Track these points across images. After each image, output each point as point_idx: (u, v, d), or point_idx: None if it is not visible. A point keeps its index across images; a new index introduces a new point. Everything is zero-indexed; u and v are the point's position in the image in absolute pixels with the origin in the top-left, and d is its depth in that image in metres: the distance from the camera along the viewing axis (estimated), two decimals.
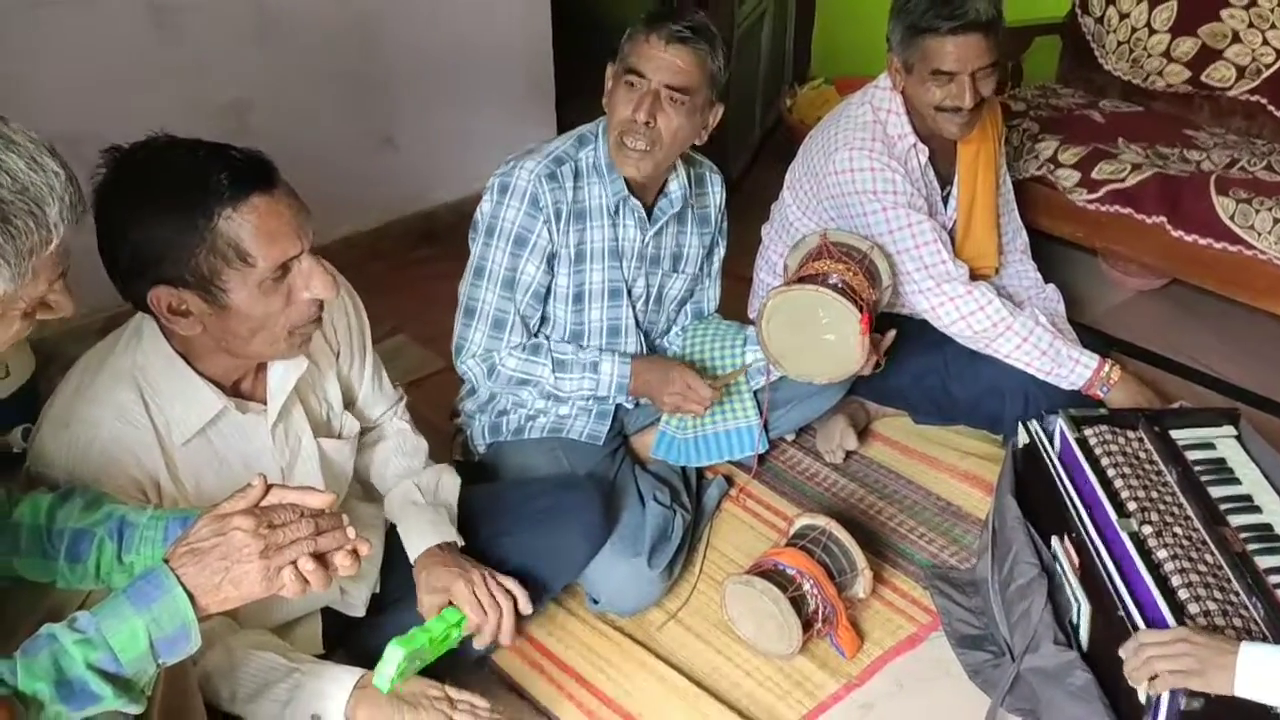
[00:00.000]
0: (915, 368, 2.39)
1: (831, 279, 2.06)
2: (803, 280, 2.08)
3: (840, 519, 2.07)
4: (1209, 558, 1.69)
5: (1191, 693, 1.46)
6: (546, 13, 3.45)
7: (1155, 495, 1.81)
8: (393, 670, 1.48)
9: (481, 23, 3.28)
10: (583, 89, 2.57)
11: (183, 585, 1.15)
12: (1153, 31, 3.14)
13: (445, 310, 2.12)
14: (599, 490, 2.01)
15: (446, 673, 1.67)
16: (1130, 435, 1.95)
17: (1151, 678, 1.51)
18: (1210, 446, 1.96)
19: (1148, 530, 1.73)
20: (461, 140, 3.34)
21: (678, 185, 2.12)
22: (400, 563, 1.74)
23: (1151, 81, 3.20)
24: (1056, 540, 1.87)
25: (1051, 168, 2.89)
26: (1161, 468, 1.88)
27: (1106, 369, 2.24)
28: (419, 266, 3.17)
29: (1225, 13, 3.05)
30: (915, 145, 2.26)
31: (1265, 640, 1.54)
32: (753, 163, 3.88)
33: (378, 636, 1.72)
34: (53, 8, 2.46)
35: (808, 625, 1.91)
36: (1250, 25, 3.03)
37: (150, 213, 1.34)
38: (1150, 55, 3.16)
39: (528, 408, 2.16)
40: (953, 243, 2.38)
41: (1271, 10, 2.99)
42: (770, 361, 2.14)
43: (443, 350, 2.15)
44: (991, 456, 2.44)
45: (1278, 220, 2.53)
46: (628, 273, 2.13)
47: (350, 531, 1.24)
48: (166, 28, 2.67)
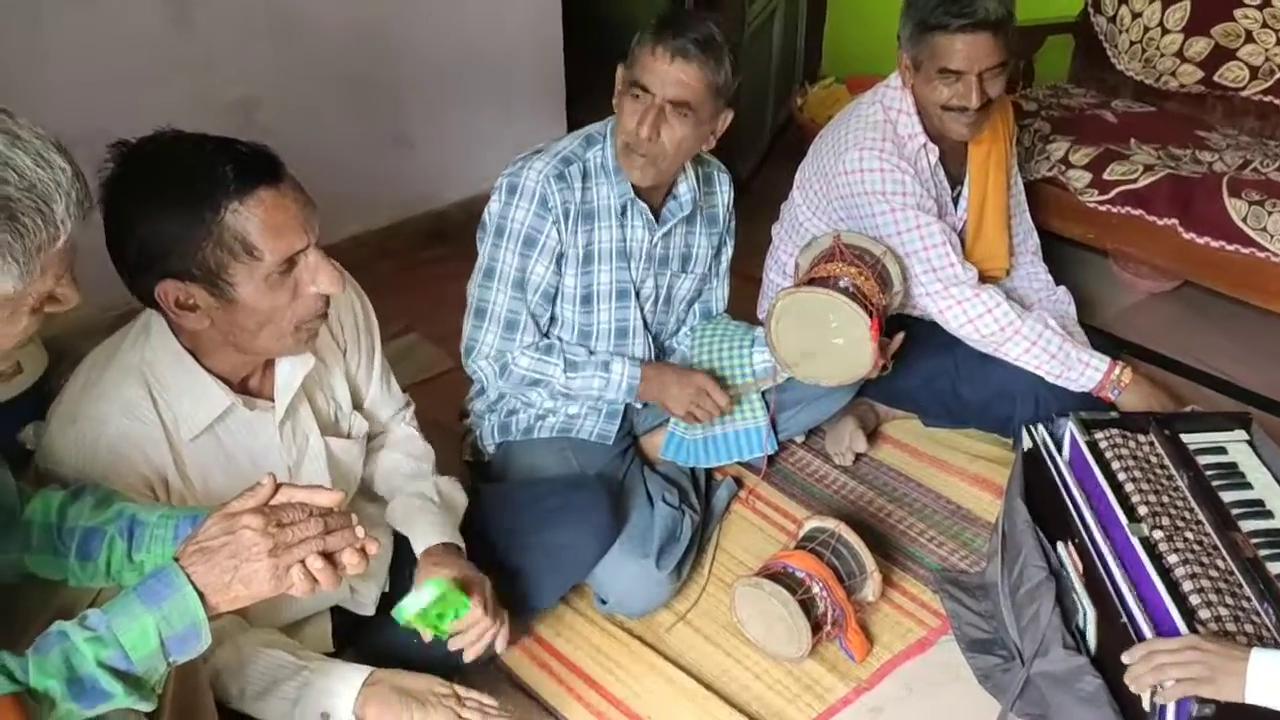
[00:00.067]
0: (925, 370, 2.38)
1: (842, 282, 2.06)
2: (813, 282, 2.08)
3: (850, 521, 2.07)
4: (1220, 563, 1.68)
5: (1202, 700, 1.46)
6: (557, 12, 3.45)
7: (1166, 500, 1.81)
8: (427, 600, 1.52)
9: (492, 22, 3.28)
10: (593, 88, 2.57)
11: (193, 584, 1.15)
12: (1165, 31, 3.13)
13: (455, 309, 2.12)
14: (608, 490, 2.01)
15: (455, 672, 1.68)
16: (1141, 439, 1.94)
17: (1157, 687, 1.50)
18: (1222, 451, 1.95)
19: (1159, 535, 1.72)
20: (472, 139, 3.34)
21: (687, 188, 2.11)
22: (409, 562, 1.74)
23: (1164, 82, 3.18)
24: (1062, 545, 1.87)
25: (1063, 168, 2.88)
26: (1173, 472, 1.87)
27: (1117, 371, 2.23)
28: (429, 266, 3.16)
29: (1239, 12, 3.04)
30: (925, 145, 2.25)
31: (1276, 646, 1.53)
32: (763, 162, 3.87)
33: (388, 636, 1.73)
34: (64, 4, 2.47)
35: (817, 628, 1.91)
36: (1264, 25, 3.02)
37: (157, 207, 1.35)
38: (1163, 55, 3.15)
39: (537, 407, 2.16)
40: (963, 244, 2.37)
41: None
42: (778, 364, 2.13)
43: (453, 350, 2.15)
44: (1001, 460, 2.44)
45: None
46: (636, 274, 2.13)
47: (359, 530, 1.24)
48: (178, 24, 2.67)
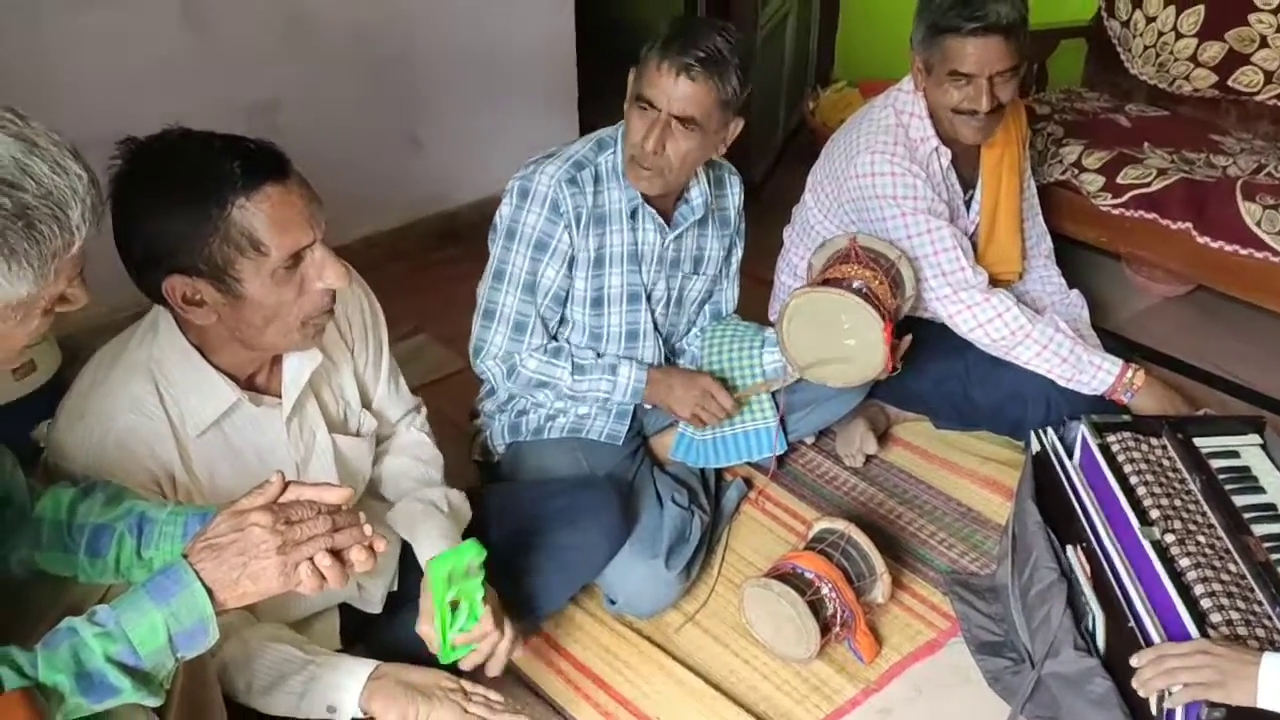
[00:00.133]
0: (936, 372, 2.38)
1: (855, 284, 2.05)
2: (827, 283, 2.08)
3: (859, 523, 2.06)
4: (1232, 567, 1.68)
5: (1212, 704, 1.45)
6: (570, 14, 3.46)
7: (1178, 503, 1.80)
8: (468, 559, 1.55)
9: (506, 23, 3.30)
10: (605, 89, 2.58)
11: (201, 580, 1.16)
12: (1179, 35, 3.12)
13: (467, 310, 2.12)
14: (617, 490, 2.01)
15: (462, 674, 1.68)
16: (1154, 442, 1.93)
17: (1165, 692, 1.49)
18: (1234, 455, 1.94)
19: (1170, 539, 1.72)
20: (484, 140, 3.35)
21: (699, 191, 2.11)
22: (416, 563, 1.74)
23: (1178, 86, 3.17)
24: (1070, 549, 1.86)
25: (1076, 172, 2.87)
26: (1185, 476, 1.86)
27: (1130, 374, 2.22)
28: (441, 266, 3.17)
29: (1253, 17, 3.02)
30: (937, 148, 2.25)
31: None
32: (775, 165, 3.87)
33: (395, 633, 1.73)
34: (85, 7, 2.49)
35: (826, 629, 1.90)
36: (1278, 30, 3.00)
37: (165, 202, 1.36)
38: (1177, 59, 3.13)
39: (547, 407, 2.17)
40: (975, 248, 2.37)
41: None
42: (788, 362, 2.13)
43: (463, 350, 2.15)
44: (1012, 462, 2.43)
45: None
46: (647, 277, 2.13)
47: (367, 528, 1.25)
48: (197, 27, 2.69)
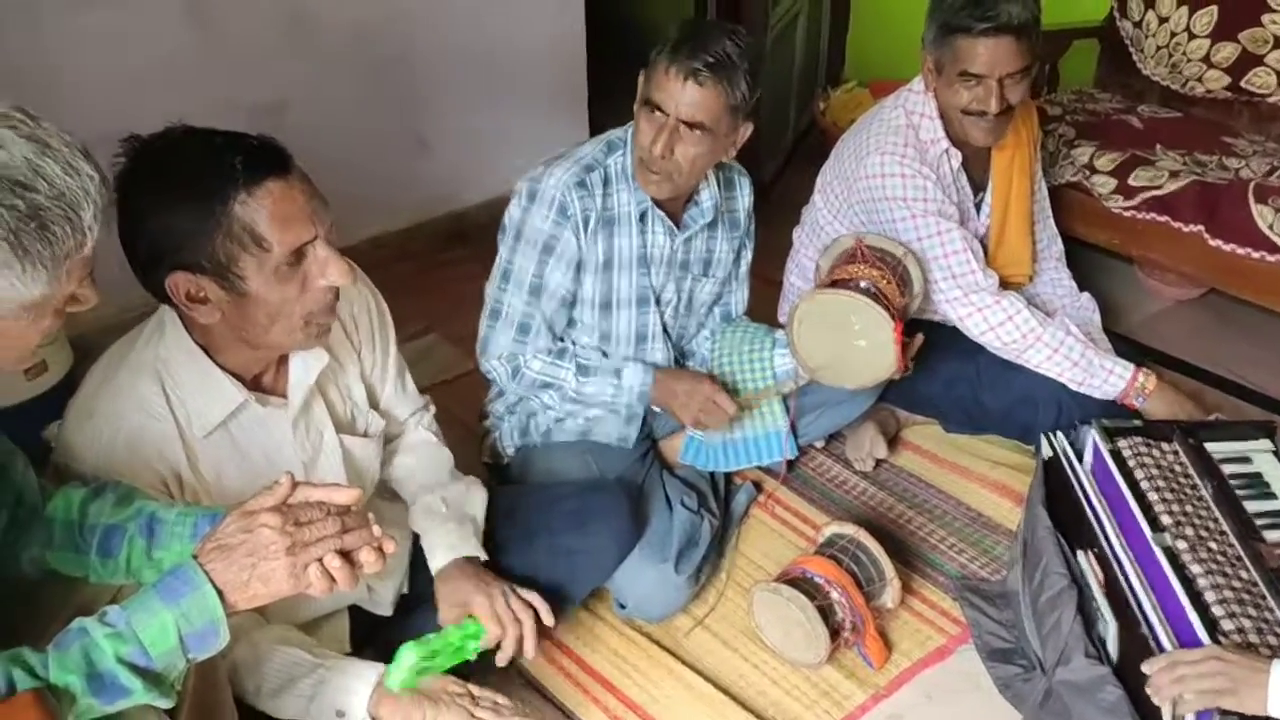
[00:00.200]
0: (947, 375, 2.37)
1: (863, 284, 2.05)
2: (835, 285, 2.07)
3: (869, 528, 2.06)
4: (1244, 573, 1.67)
5: (1224, 712, 1.44)
6: (580, 14, 3.46)
7: (1190, 509, 1.79)
8: (403, 674, 1.49)
9: (515, 23, 3.29)
10: (615, 90, 2.57)
11: (211, 582, 1.16)
12: (1192, 36, 3.10)
13: (476, 311, 2.12)
14: (627, 494, 2.01)
15: (473, 674, 1.68)
16: (1165, 448, 1.93)
17: (1177, 699, 1.49)
18: (1246, 460, 1.93)
19: (1182, 545, 1.71)
20: (493, 140, 3.35)
21: (709, 195, 2.11)
22: (427, 566, 1.74)
23: (1190, 87, 3.15)
24: (1082, 555, 1.85)
25: (1087, 174, 2.86)
26: (1196, 481, 1.85)
27: (1141, 379, 2.22)
28: (450, 267, 3.17)
29: (1266, 18, 3.00)
30: (948, 150, 2.24)
31: None
32: (785, 166, 3.86)
33: (405, 636, 1.72)
34: (91, 7, 2.49)
35: (835, 634, 1.90)
36: None
37: (167, 199, 1.36)
38: (1189, 60, 3.12)
39: (556, 410, 2.16)
40: (986, 250, 2.36)
41: None
42: (799, 365, 2.13)
43: (472, 350, 2.15)
44: (1023, 467, 2.42)
45: None
46: (656, 279, 2.13)
47: (376, 529, 1.25)
48: (203, 28, 2.70)
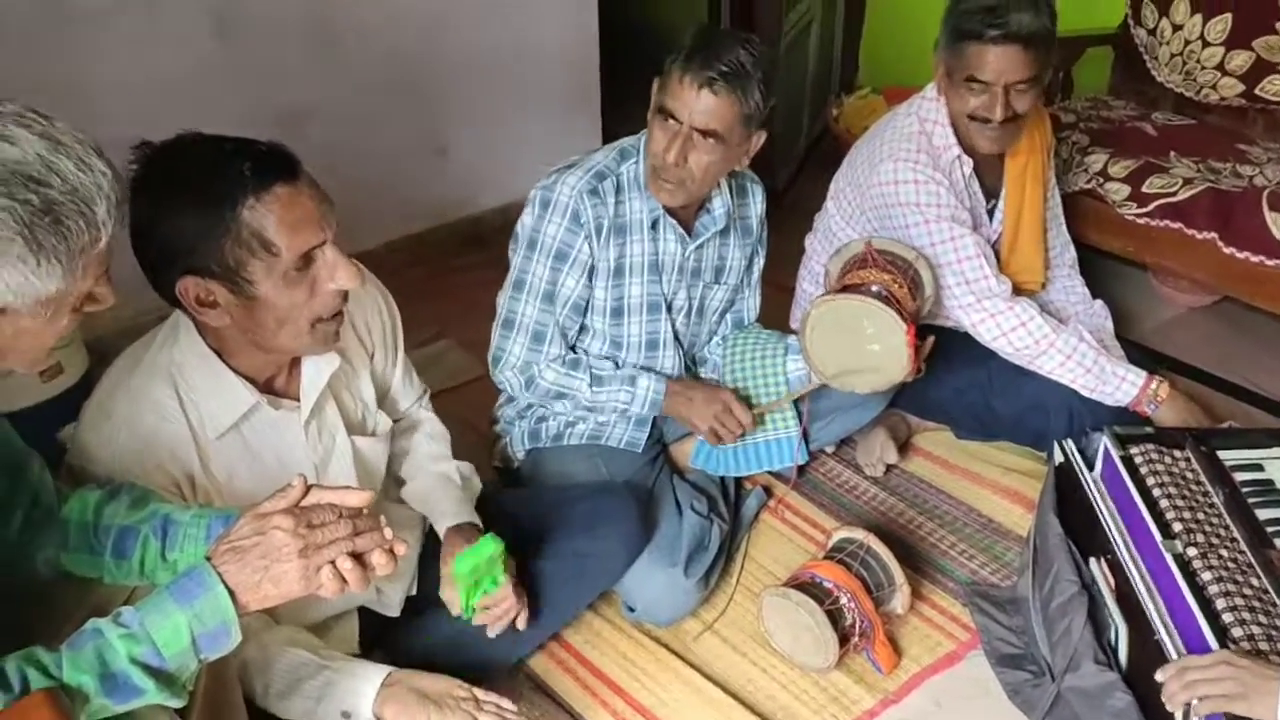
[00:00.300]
0: (958, 382, 2.37)
1: (875, 288, 2.05)
2: (847, 290, 2.07)
3: (879, 533, 2.06)
4: (1255, 581, 1.66)
5: (1234, 718, 1.44)
6: (594, 21, 3.48)
7: (1201, 517, 1.78)
8: (485, 555, 1.62)
9: (530, 30, 3.31)
10: (628, 96, 2.58)
11: (224, 583, 1.17)
12: (1206, 44, 3.09)
13: (489, 316, 2.13)
14: (636, 498, 2.01)
15: (481, 677, 1.69)
16: (1177, 455, 1.92)
17: (1190, 705, 1.48)
18: (1259, 468, 1.92)
19: (1193, 552, 1.70)
20: (508, 146, 3.37)
21: (721, 202, 2.11)
22: (437, 566, 1.76)
23: (1205, 94, 3.15)
24: (1094, 561, 1.85)
25: (1101, 181, 2.86)
26: (1208, 488, 1.85)
27: (1154, 386, 2.21)
28: (464, 272, 3.19)
29: None
30: (959, 156, 2.24)
31: None
32: (798, 172, 3.87)
33: (413, 638, 1.74)
34: (117, 15, 2.52)
35: (844, 639, 1.90)
36: None
37: (177, 204, 1.38)
38: (1204, 68, 3.11)
39: (567, 415, 2.17)
40: (998, 257, 2.36)
41: None
42: (812, 371, 2.13)
43: (485, 356, 2.16)
44: (1034, 473, 2.42)
45: None
46: (668, 287, 2.13)
47: (387, 532, 1.26)
48: (227, 36, 2.72)
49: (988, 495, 2.42)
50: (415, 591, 1.81)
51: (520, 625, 1.77)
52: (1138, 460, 1.90)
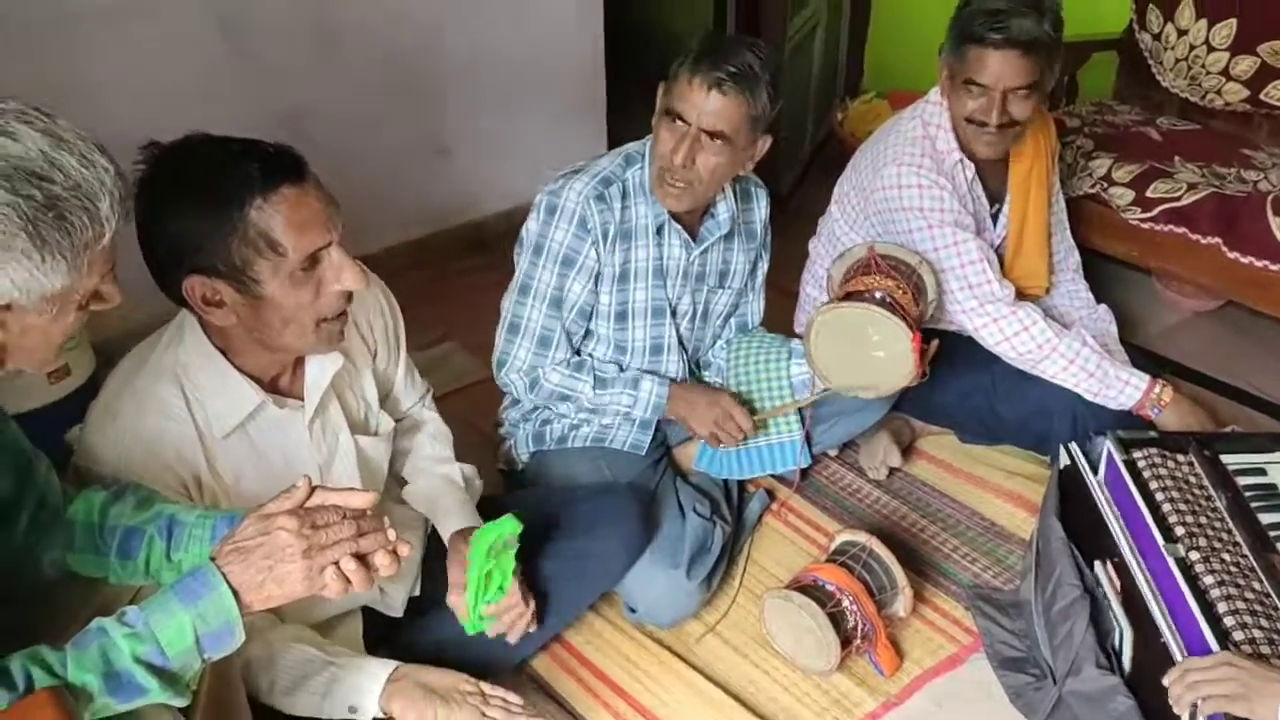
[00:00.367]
0: (962, 386, 2.37)
1: (879, 294, 2.05)
2: (850, 296, 2.08)
3: (882, 536, 2.06)
4: (1257, 585, 1.66)
5: (1234, 718, 1.44)
6: (599, 26, 3.48)
7: (1204, 521, 1.78)
8: (509, 532, 1.61)
9: (535, 34, 3.32)
10: (634, 100, 2.59)
11: (228, 583, 1.18)
12: (1211, 49, 3.09)
13: (493, 319, 2.14)
14: (638, 499, 2.02)
15: (483, 676, 1.69)
16: (1180, 459, 1.92)
17: (1196, 705, 1.49)
18: (1261, 472, 1.92)
19: (1195, 556, 1.70)
20: (512, 150, 3.37)
21: (725, 207, 2.12)
22: (439, 566, 1.76)
23: (1209, 99, 3.15)
24: (1099, 564, 1.85)
25: (1105, 185, 2.86)
26: (1211, 493, 1.85)
27: (1157, 390, 2.21)
28: (468, 275, 3.20)
29: None
30: (961, 161, 2.25)
31: None
32: (803, 177, 3.87)
33: (416, 637, 1.75)
34: (122, 18, 2.53)
35: (846, 642, 1.90)
36: None
37: (185, 204, 1.39)
38: (1209, 73, 3.11)
39: (571, 418, 2.18)
40: (1002, 262, 2.36)
41: None
42: (817, 377, 2.13)
43: (489, 359, 2.17)
44: (1037, 477, 2.42)
45: None
46: (672, 291, 2.14)
47: (391, 533, 1.27)
48: (232, 39, 2.73)
49: (991, 499, 2.43)
50: (419, 592, 1.82)
51: (530, 629, 1.78)
52: (1140, 464, 1.90)
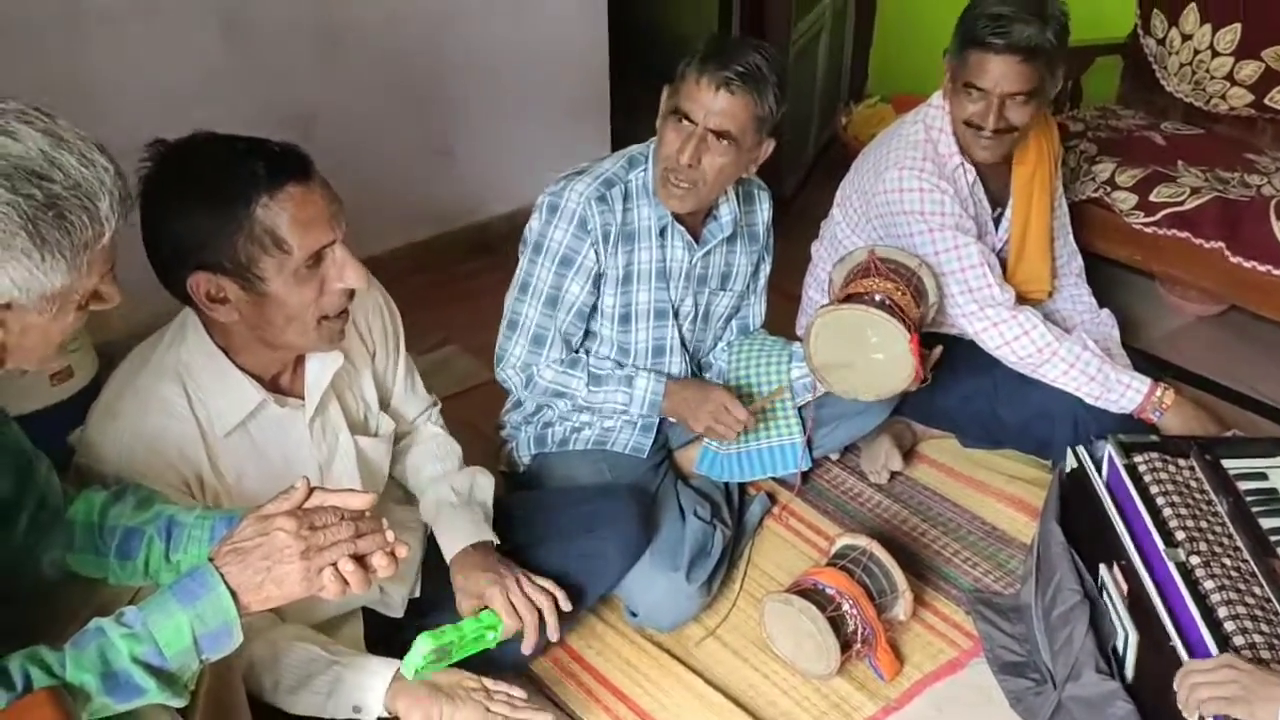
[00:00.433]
0: (964, 390, 2.37)
1: (878, 297, 2.05)
2: (850, 299, 2.08)
3: (883, 540, 2.06)
4: (1257, 590, 1.66)
5: None
6: (604, 27, 3.49)
7: (1205, 525, 1.78)
8: (418, 660, 1.52)
9: (539, 37, 3.32)
10: (638, 103, 2.59)
11: (226, 583, 1.18)
12: (1216, 54, 3.09)
13: (495, 322, 2.14)
14: (637, 500, 2.02)
15: (487, 673, 1.69)
16: (1181, 464, 1.92)
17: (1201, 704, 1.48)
18: (1263, 477, 1.92)
19: (1195, 560, 1.70)
20: (516, 152, 3.37)
21: (728, 209, 2.12)
22: (439, 566, 1.77)
23: (1214, 104, 3.14)
24: (1105, 568, 1.85)
25: (1108, 190, 2.86)
26: (1212, 497, 1.85)
27: (1159, 393, 2.21)
28: (471, 278, 3.20)
29: None
30: (963, 164, 2.25)
31: None
32: (806, 180, 3.87)
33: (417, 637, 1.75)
34: (125, 20, 2.54)
35: (846, 646, 1.90)
36: None
37: (191, 201, 1.40)
38: (1213, 78, 3.11)
39: (573, 420, 2.18)
40: (1005, 266, 2.36)
41: None
42: (817, 379, 2.13)
43: (492, 361, 2.18)
44: (1038, 481, 2.41)
45: None
46: (675, 293, 2.14)
47: (389, 534, 1.27)
48: (235, 40, 2.74)
49: (992, 503, 2.42)
50: (419, 593, 1.82)
51: (551, 637, 1.74)
52: (1141, 469, 1.90)
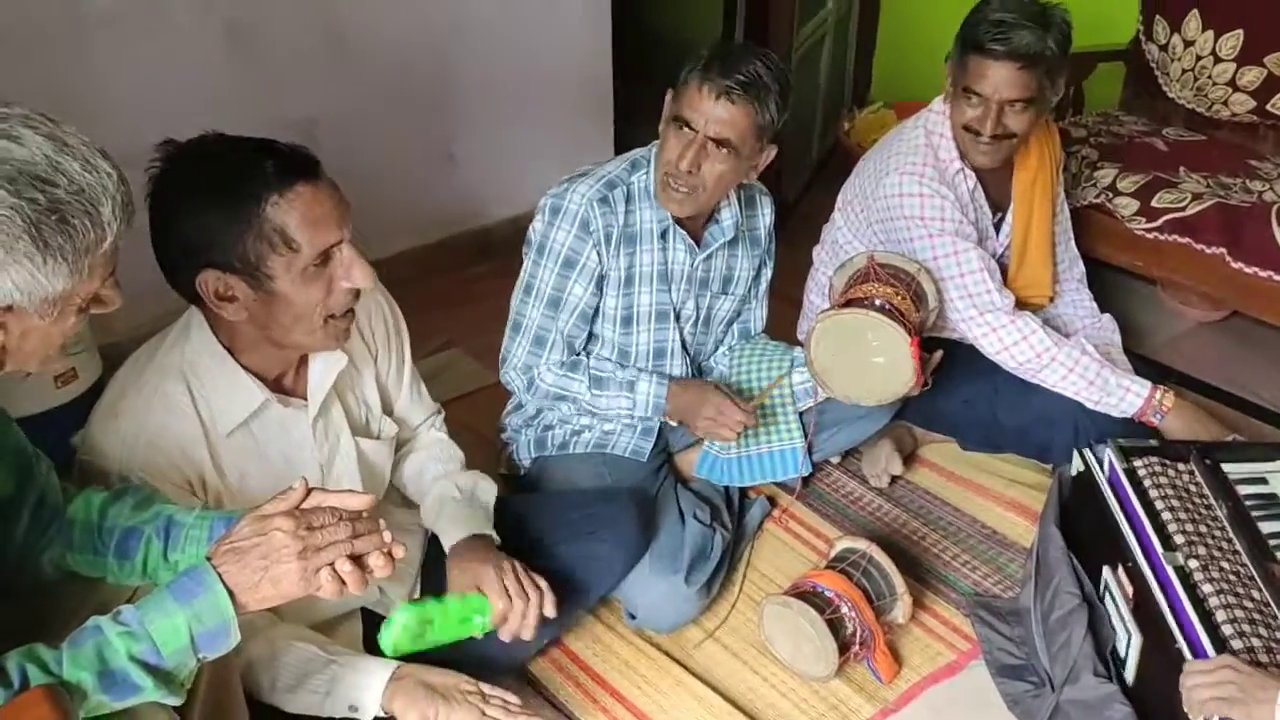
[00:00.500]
0: (964, 394, 2.37)
1: (878, 302, 2.06)
2: (850, 304, 2.08)
3: (882, 543, 2.06)
4: (1256, 594, 1.66)
5: None
6: (607, 33, 3.49)
7: (1204, 529, 1.79)
8: (397, 632, 1.49)
9: (543, 42, 3.33)
10: (642, 107, 2.59)
11: (224, 583, 1.18)
12: (1218, 60, 3.09)
13: (498, 326, 2.15)
14: (636, 503, 2.02)
15: (483, 677, 1.70)
16: (1181, 468, 1.92)
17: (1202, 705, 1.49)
18: (1263, 481, 1.92)
19: (1194, 564, 1.70)
20: (520, 156, 3.38)
21: (730, 214, 2.13)
22: (438, 568, 1.77)
23: (1216, 110, 3.15)
24: (1109, 570, 1.85)
25: (1110, 195, 2.86)
26: (1211, 501, 1.85)
27: (1159, 396, 2.21)
28: (474, 282, 3.20)
29: None
30: (963, 170, 2.25)
31: None
32: (809, 185, 3.88)
33: None
34: (129, 27, 2.55)
35: (845, 648, 1.90)
36: None
37: (201, 200, 1.41)
38: (1215, 84, 3.11)
39: (573, 424, 2.19)
40: (1005, 272, 2.36)
41: None
42: (818, 384, 2.14)
43: (494, 365, 2.19)
44: (1038, 485, 2.41)
45: None
46: (676, 296, 2.15)
47: (386, 535, 1.27)
48: (239, 46, 2.75)
49: (992, 507, 2.42)
50: (418, 594, 1.82)
51: (526, 635, 1.70)
52: (1141, 473, 1.90)
